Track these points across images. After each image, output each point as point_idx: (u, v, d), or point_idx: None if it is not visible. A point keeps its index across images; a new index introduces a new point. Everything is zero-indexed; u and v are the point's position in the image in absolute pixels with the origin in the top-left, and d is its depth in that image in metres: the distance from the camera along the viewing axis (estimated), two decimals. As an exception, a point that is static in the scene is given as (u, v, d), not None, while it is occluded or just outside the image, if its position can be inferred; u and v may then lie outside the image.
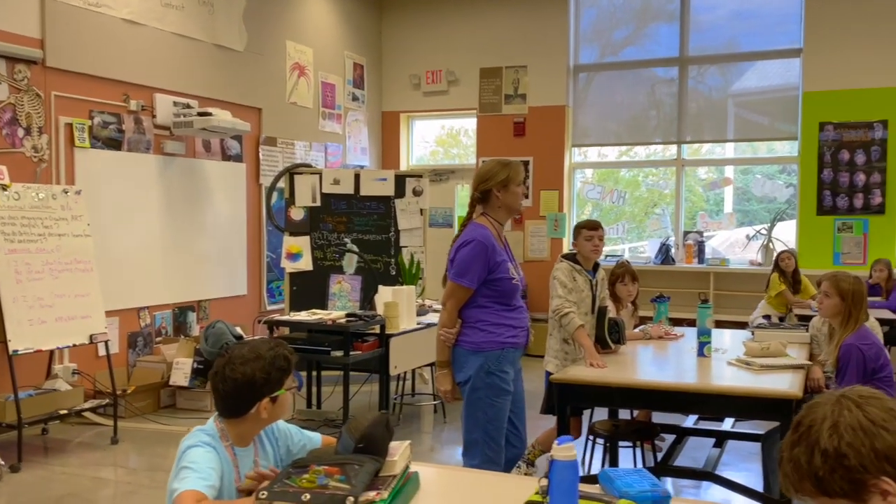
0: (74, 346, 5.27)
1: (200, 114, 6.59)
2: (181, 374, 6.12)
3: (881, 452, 1.29)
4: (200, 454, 1.96)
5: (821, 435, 1.32)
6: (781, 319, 6.97)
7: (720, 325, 7.81)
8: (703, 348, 4.14)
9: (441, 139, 9.92)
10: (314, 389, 5.61)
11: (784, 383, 3.49)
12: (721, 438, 4.65)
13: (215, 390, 2.07)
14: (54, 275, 5.16)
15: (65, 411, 5.19)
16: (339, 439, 2.07)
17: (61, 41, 5.85)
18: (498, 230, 3.42)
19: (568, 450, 1.75)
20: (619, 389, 3.62)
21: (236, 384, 2.03)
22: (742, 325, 7.24)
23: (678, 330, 4.93)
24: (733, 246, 8.84)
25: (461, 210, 9.59)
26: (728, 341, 4.65)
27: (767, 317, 7.09)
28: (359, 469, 1.93)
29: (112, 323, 6.20)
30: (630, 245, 9.34)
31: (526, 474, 4.31)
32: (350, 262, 6.14)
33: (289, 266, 7.13)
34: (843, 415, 1.33)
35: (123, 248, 6.32)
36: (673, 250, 8.53)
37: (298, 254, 7.14)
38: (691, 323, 7.98)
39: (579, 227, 4.26)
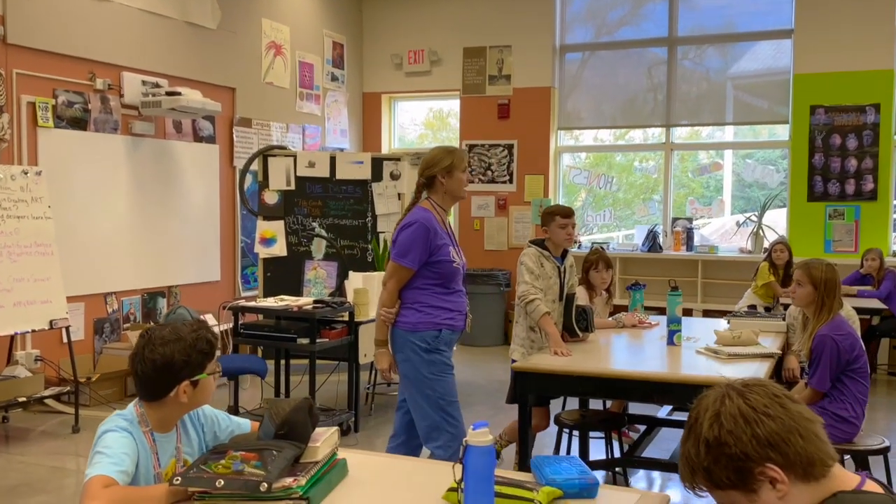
0: (33, 331, 5.27)
1: (169, 93, 6.56)
2: (148, 361, 6.12)
3: (763, 439, 1.30)
4: (115, 439, 1.96)
5: (703, 426, 1.33)
6: (768, 310, 6.97)
7: (708, 314, 7.83)
8: (672, 336, 4.16)
9: (429, 122, 9.90)
10: (282, 378, 5.61)
11: (748, 372, 3.49)
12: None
13: (134, 373, 2.07)
14: (13, 258, 5.16)
15: (23, 399, 5.20)
16: (261, 425, 2.07)
17: (23, 16, 5.82)
18: (441, 215, 3.54)
19: (483, 435, 1.75)
20: (580, 378, 3.63)
21: (155, 366, 2.03)
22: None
23: (653, 318, 4.93)
24: (728, 234, 8.85)
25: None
26: (702, 330, 4.65)
27: (753, 307, 7.09)
28: (276, 455, 1.93)
29: (77, 309, 6.21)
30: (620, 233, 9.34)
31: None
32: (319, 247, 6.14)
33: (262, 251, 7.11)
34: (725, 404, 1.33)
35: (90, 232, 6.31)
36: (661, 238, 8.53)
37: (272, 239, 7.12)
38: (664, 312, 8.00)
39: (552, 214, 4.26)
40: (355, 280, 5.41)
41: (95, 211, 6.37)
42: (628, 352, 4.22)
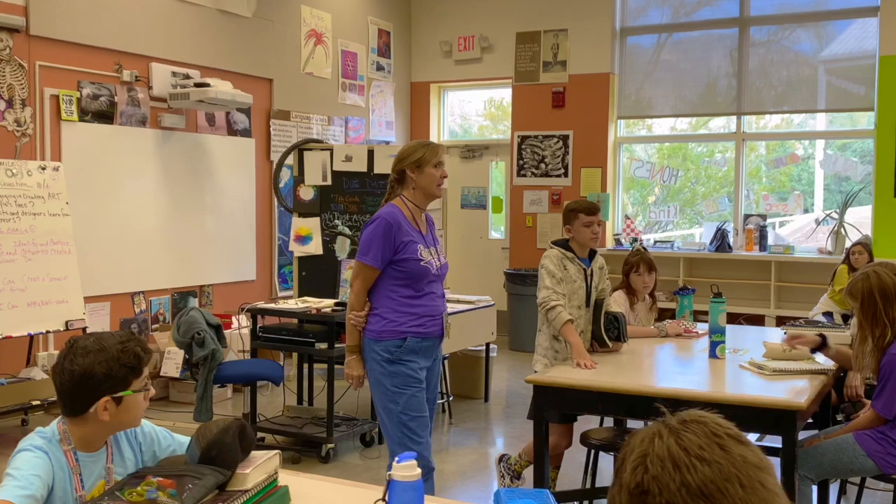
0: (48, 332, 5.33)
1: (198, 85, 6.57)
2: (172, 364, 6.16)
3: (694, 488, 1.10)
4: (26, 459, 1.88)
5: (626, 469, 1.14)
6: (846, 318, 6.57)
7: (781, 322, 7.44)
8: (715, 349, 3.91)
9: (491, 113, 9.74)
10: (305, 384, 5.55)
11: (791, 392, 3.22)
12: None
13: (54, 384, 1.98)
14: (27, 257, 5.23)
15: (37, 402, 5.26)
16: (188, 447, 1.96)
17: (47, 6, 5.91)
18: (413, 213, 3.45)
19: (409, 468, 1.59)
20: (600, 394, 3.42)
21: (73, 378, 1.93)
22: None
23: (702, 327, 4.66)
24: (807, 233, 8.41)
25: (497, 189, 9.42)
26: (756, 340, 4.36)
27: (829, 314, 6.70)
28: (196, 483, 1.81)
29: (102, 308, 6.28)
30: (684, 231, 8.99)
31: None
32: (343, 246, 6.05)
33: (297, 250, 7.07)
34: (654, 444, 1.14)
35: (117, 229, 6.36)
36: (731, 236, 8.16)
37: (308, 236, 7.07)
38: (732, 319, 7.63)
39: (575, 210, 4.06)
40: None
41: (122, 207, 6.42)
42: (663, 365, 3.98)
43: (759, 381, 3.48)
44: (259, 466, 1.96)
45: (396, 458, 1.62)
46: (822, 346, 3.76)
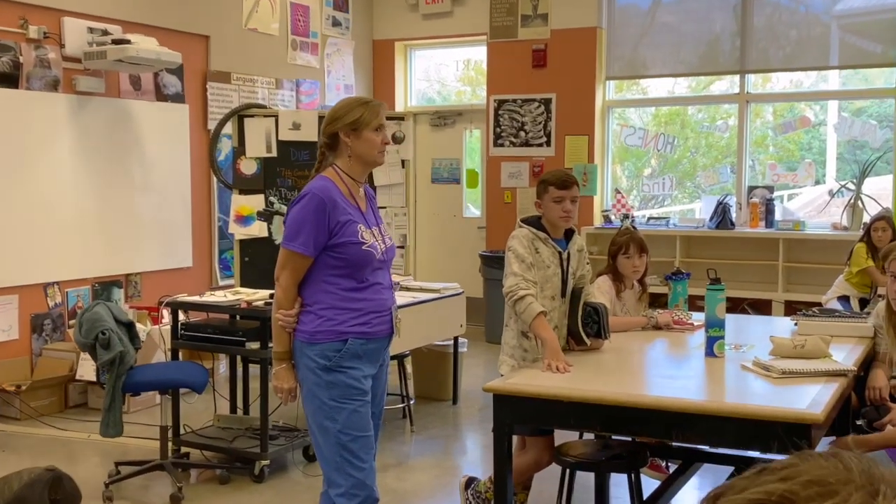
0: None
1: (116, 42, 6.13)
2: (90, 366, 5.70)
3: None
4: None
5: None
6: (864, 303, 6.23)
7: (790, 310, 7.10)
8: (712, 345, 3.54)
9: (468, 76, 9.31)
10: (240, 389, 5.15)
11: (803, 399, 2.84)
12: (741, 466, 4.01)
13: None
14: None
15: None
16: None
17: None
18: (350, 186, 3.09)
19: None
20: (572, 405, 3.02)
21: None
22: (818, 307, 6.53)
23: (697, 317, 4.27)
24: (820, 206, 8.07)
25: (470, 161, 9.02)
26: (762, 333, 3.97)
27: (845, 298, 6.37)
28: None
29: (9, 302, 5.91)
30: (681, 206, 8.63)
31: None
32: (279, 227, 5.61)
33: (238, 232, 6.67)
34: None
35: (25, 210, 5.96)
36: (733, 211, 7.80)
37: (250, 216, 6.67)
38: (736, 305, 7.32)
39: (545, 183, 3.68)
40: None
41: (32, 184, 6.01)
42: (651, 367, 3.61)
43: (765, 385, 3.10)
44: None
45: None
46: None
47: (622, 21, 8.20)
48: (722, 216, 7.72)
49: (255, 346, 4.53)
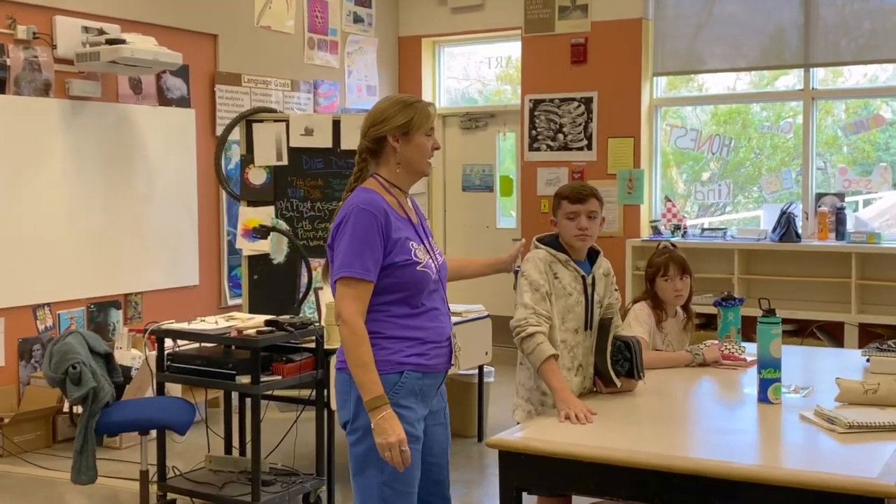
0: None
1: (110, 42, 5.92)
2: (80, 396, 5.49)
3: None
4: None
5: None
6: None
7: (865, 334, 6.63)
8: (766, 389, 3.15)
9: (507, 74, 9.00)
10: (235, 426, 4.85)
11: (874, 464, 2.42)
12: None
13: None
14: None
15: None
16: None
17: None
18: (399, 198, 2.84)
19: None
20: (593, 466, 2.64)
21: None
22: None
23: (752, 349, 3.85)
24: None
25: (503, 169, 8.69)
26: (831, 371, 3.53)
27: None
28: None
29: (-7, 326, 5.70)
30: (739, 214, 8.21)
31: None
32: (279, 245, 5.33)
33: (247, 247, 6.50)
34: None
35: (14, 225, 5.82)
36: (799, 222, 7.35)
37: (260, 230, 6.48)
38: (803, 329, 6.87)
39: (558, 197, 3.36)
40: (329, 291, 4.57)
41: (22, 197, 5.86)
42: (693, 416, 3.21)
43: (828, 442, 2.71)
44: None
45: None
46: None
47: (673, 12, 7.82)
48: (786, 227, 7.27)
49: (245, 380, 4.22)
